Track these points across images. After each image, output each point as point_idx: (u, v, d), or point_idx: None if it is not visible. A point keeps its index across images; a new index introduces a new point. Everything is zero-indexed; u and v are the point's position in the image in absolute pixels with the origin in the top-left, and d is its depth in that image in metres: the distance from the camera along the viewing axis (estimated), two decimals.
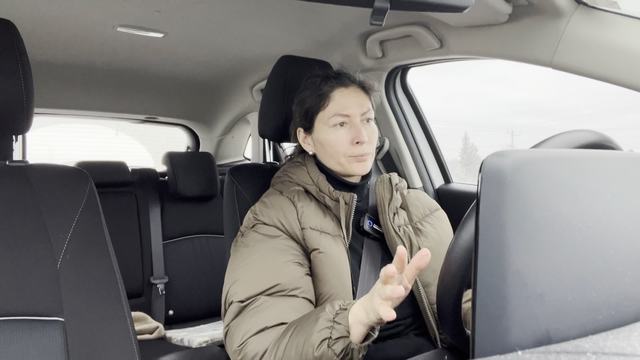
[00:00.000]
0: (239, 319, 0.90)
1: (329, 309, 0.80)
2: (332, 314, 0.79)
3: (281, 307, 0.89)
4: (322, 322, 0.79)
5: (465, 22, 1.19)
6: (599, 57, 0.96)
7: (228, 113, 2.55)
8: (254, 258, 0.96)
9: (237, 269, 0.96)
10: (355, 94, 1.07)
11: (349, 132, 1.04)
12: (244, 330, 0.88)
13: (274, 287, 0.91)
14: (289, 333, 0.82)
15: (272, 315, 0.88)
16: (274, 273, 0.93)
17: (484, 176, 0.40)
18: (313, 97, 1.08)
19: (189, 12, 1.42)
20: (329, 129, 1.05)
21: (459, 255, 0.64)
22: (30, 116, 0.99)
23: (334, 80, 1.08)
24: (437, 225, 1.14)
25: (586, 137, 0.59)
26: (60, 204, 0.98)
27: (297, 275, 0.94)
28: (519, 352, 0.34)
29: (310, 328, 0.79)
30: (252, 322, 0.88)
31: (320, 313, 0.81)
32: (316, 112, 1.08)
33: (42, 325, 0.89)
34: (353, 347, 0.76)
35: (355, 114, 1.05)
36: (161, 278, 2.11)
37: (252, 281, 0.92)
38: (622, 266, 0.42)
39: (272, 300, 0.90)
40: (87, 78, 2.08)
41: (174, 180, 2.21)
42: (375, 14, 0.63)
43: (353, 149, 1.04)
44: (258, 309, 0.89)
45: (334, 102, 1.05)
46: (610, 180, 0.46)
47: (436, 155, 1.78)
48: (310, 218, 1.01)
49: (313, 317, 0.81)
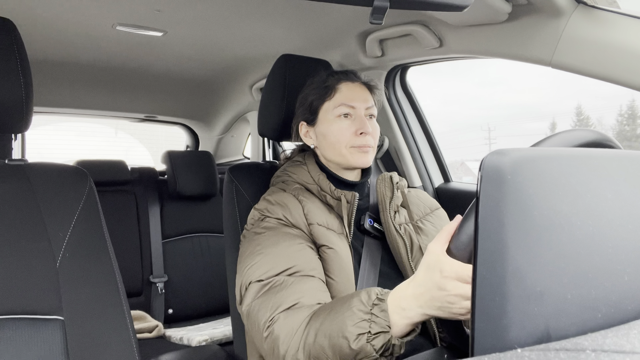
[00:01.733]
0: (262, 297, 0.87)
1: (364, 298, 0.74)
2: (369, 304, 0.73)
3: (304, 287, 0.88)
4: (358, 313, 0.73)
5: (464, 21, 1.19)
6: (599, 56, 0.96)
7: (227, 112, 2.55)
8: (268, 243, 0.95)
9: (253, 253, 0.95)
10: (361, 90, 1.09)
11: (353, 123, 1.06)
12: (269, 306, 0.84)
13: (293, 268, 0.90)
14: (319, 319, 0.78)
15: (297, 292, 0.85)
16: (290, 255, 0.92)
17: (484, 175, 0.40)
18: (319, 89, 1.10)
19: (189, 11, 1.42)
20: (334, 119, 1.07)
21: (458, 253, 0.64)
22: (30, 115, 0.99)
23: (340, 74, 1.12)
24: (438, 224, 1.14)
25: (585, 136, 0.59)
26: (60, 202, 0.98)
27: (312, 258, 0.94)
28: (519, 350, 0.34)
29: (344, 318, 0.74)
30: (278, 299, 0.85)
31: (354, 302, 0.75)
32: (321, 103, 1.09)
33: (42, 323, 0.89)
34: (394, 342, 0.71)
35: (361, 107, 1.07)
36: (160, 277, 2.11)
37: (270, 263, 0.91)
38: (622, 264, 0.42)
39: (294, 279, 0.88)
40: (87, 77, 2.07)
41: (173, 179, 2.21)
42: (375, 12, 0.63)
43: (356, 139, 1.05)
44: (282, 286, 0.87)
45: (340, 93, 1.08)
46: (610, 178, 0.46)
47: (435, 155, 1.78)
48: (316, 215, 1.01)
49: (346, 306, 0.75)
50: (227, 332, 1.83)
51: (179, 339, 1.83)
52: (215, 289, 2.19)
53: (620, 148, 0.62)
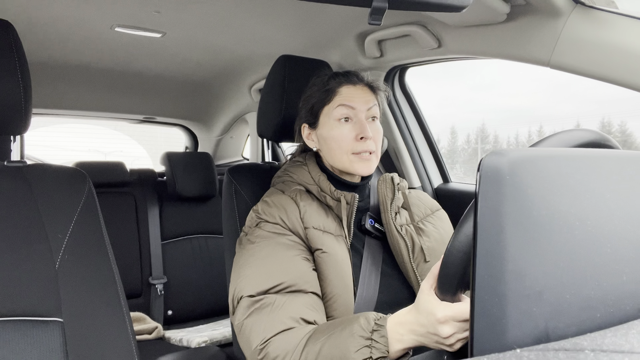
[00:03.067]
0: (254, 316, 0.88)
1: (363, 323, 0.78)
2: (369, 330, 0.77)
3: (296, 304, 0.88)
4: (359, 339, 0.77)
5: (463, 22, 1.20)
6: (597, 56, 0.96)
7: (226, 113, 2.55)
8: (262, 254, 0.95)
9: (245, 265, 0.95)
10: (362, 91, 1.07)
11: (354, 127, 1.04)
12: (262, 328, 0.86)
13: (285, 283, 0.90)
14: (318, 343, 0.80)
15: (289, 312, 0.87)
16: (283, 269, 0.92)
17: (483, 175, 0.40)
18: (320, 92, 1.09)
19: (187, 13, 1.42)
20: (334, 124, 1.05)
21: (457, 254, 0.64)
22: (29, 116, 0.99)
23: (342, 77, 1.09)
24: (439, 225, 1.14)
25: (584, 136, 0.59)
26: (59, 204, 0.98)
27: (306, 271, 0.94)
28: (518, 350, 0.34)
29: (346, 344, 0.77)
30: (270, 320, 0.86)
31: (354, 328, 0.78)
32: (322, 106, 1.08)
33: (41, 325, 0.89)
34: None
35: (361, 109, 1.05)
36: (160, 278, 2.10)
37: (261, 276, 0.92)
38: (620, 264, 0.43)
39: (286, 297, 0.89)
40: (85, 78, 2.07)
41: (172, 181, 2.21)
42: (374, 13, 0.63)
43: (357, 144, 1.03)
44: (273, 307, 0.88)
45: (340, 96, 1.06)
46: (608, 178, 0.46)
47: (434, 155, 1.78)
48: (313, 218, 1.01)
49: (347, 332, 0.78)
50: (227, 334, 1.83)
51: (178, 340, 1.83)
52: (215, 290, 2.19)
53: (619, 148, 0.62)
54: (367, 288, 0.99)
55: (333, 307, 0.95)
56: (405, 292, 1.05)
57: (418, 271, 1.03)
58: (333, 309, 0.95)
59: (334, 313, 0.95)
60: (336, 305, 0.95)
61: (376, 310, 0.99)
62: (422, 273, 1.04)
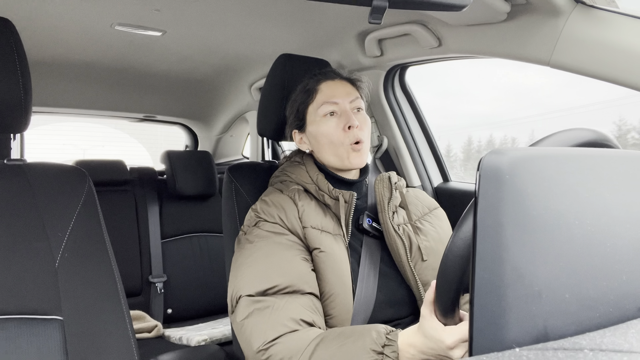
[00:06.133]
0: (254, 317, 0.88)
1: (375, 337, 0.79)
2: (380, 344, 0.78)
3: (295, 305, 0.88)
4: (372, 353, 0.77)
5: (463, 21, 1.19)
6: (597, 55, 0.96)
7: (226, 112, 2.55)
8: (260, 254, 0.95)
9: (243, 265, 0.95)
10: (342, 85, 1.10)
11: (340, 120, 1.06)
12: (263, 329, 0.86)
13: (284, 284, 0.90)
14: (328, 351, 0.80)
15: (289, 313, 0.87)
16: (281, 269, 0.92)
17: (482, 174, 0.40)
18: (301, 94, 1.12)
19: (188, 11, 1.42)
20: (320, 120, 1.07)
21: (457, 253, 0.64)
22: (28, 115, 0.99)
23: (320, 75, 1.13)
24: (437, 224, 1.14)
25: (584, 136, 0.59)
26: (59, 202, 0.98)
27: (304, 271, 0.94)
28: (517, 349, 0.34)
29: (358, 356, 0.77)
30: (271, 322, 0.86)
31: (367, 341, 0.78)
32: (306, 107, 1.11)
33: (41, 324, 0.89)
34: None
35: (344, 102, 1.08)
36: (160, 277, 2.11)
37: (260, 276, 0.92)
38: (620, 264, 0.43)
39: (285, 298, 0.89)
40: (85, 76, 2.07)
41: (172, 179, 2.21)
42: (374, 12, 0.63)
43: (346, 135, 1.05)
44: (273, 308, 0.88)
45: (321, 93, 1.09)
46: (608, 178, 0.46)
47: (434, 154, 1.78)
48: (311, 217, 1.01)
49: (359, 344, 0.78)
50: (227, 332, 1.83)
51: (178, 338, 1.83)
52: (215, 288, 2.19)
53: (619, 148, 0.62)
54: (365, 287, 0.99)
55: (332, 306, 0.95)
56: (403, 291, 1.05)
57: (416, 270, 1.04)
58: (332, 307, 0.95)
59: (332, 312, 0.95)
60: (335, 305, 0.95)
61: (375, 309, 0.99)
62: (420, 272, 1.04)
